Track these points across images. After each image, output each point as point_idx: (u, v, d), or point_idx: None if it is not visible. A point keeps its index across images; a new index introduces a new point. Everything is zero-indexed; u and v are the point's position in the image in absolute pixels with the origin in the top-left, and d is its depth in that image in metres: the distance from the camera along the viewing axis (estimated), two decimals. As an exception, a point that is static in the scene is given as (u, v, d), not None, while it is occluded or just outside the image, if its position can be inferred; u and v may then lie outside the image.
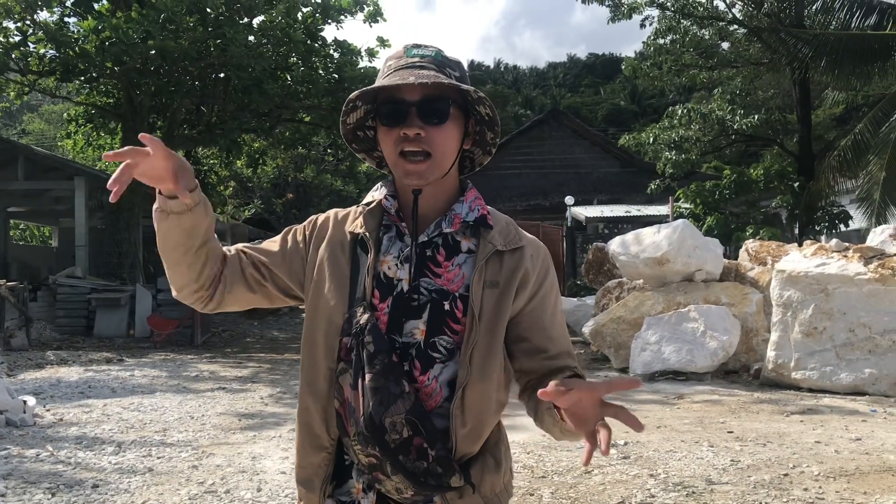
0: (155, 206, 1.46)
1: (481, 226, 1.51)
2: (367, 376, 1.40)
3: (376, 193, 1.56)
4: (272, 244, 1.62)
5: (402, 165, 1.44)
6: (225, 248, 1.60)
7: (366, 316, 1.44)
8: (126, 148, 1.36)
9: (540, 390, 1.22)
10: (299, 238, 1.60)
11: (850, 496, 4.58)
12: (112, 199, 1.38)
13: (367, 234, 1.50)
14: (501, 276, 1.47)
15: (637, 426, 1.16)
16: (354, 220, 1.55)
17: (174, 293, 1.59)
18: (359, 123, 1.54)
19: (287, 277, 1.58)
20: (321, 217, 1.62)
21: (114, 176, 1.36)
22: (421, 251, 1.48)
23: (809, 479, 4.92)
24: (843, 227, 16.97)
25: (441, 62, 1.48)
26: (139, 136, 1.39)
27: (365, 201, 1.57)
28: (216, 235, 1.56)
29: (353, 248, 1.52)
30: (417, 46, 1.50)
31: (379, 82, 1.46)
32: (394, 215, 1.52)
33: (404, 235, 1.51)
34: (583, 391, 1.21)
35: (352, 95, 1.47)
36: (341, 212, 1.61)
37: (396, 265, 1.48)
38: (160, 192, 1.43)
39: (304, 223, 1.62)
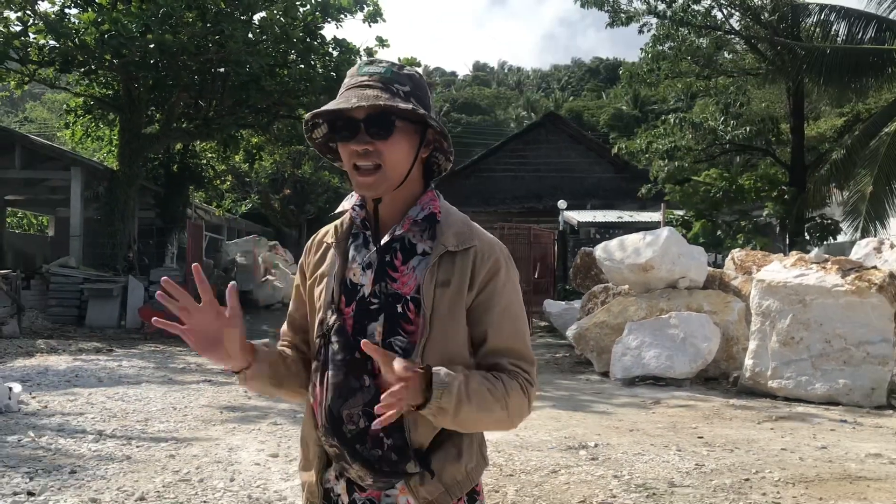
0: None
1: (434, 225, 1.60)
2: (330, 373, 1.56)
3: (346, 203, 1.71)
4: (295, 301, 1.79)
5: (355, 178, 1.57)
6: (285, 348, 1.79)
7: (333, 318, 1.59)
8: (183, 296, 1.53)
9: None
10: (302, 277, 1.77)
11: (807, 501, 4.70)
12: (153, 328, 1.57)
13: (335, 244, 1.66)
14: (454, 275, 1.55)
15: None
16: (327, 232, 1.72)
17: None
18: (328, 137, 1.67)
19: None
20: (308, 243, 1.79)
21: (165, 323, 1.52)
22: (381, 257, 1.60)
23: (769, 484, 5.05)
24: (832, 239, 17.09)
25: (389, 79, 1.56)
26: (194, 269, 1.54)
27: (338, 210, 1.72)
28: (265, 346, 1.72)
29: (329, 259, 1.68)
30: (370, 63, 1.60)
31: (335, 101, 1.56)
32: (359, 224, 1.66)
33: (369, 243, 1.63)
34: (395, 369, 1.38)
35: (306, 116, 1.61)
36: (322, 231, 1.78)
37: (361, 271, 1.61)
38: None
39: (302, 256, 1.79)
